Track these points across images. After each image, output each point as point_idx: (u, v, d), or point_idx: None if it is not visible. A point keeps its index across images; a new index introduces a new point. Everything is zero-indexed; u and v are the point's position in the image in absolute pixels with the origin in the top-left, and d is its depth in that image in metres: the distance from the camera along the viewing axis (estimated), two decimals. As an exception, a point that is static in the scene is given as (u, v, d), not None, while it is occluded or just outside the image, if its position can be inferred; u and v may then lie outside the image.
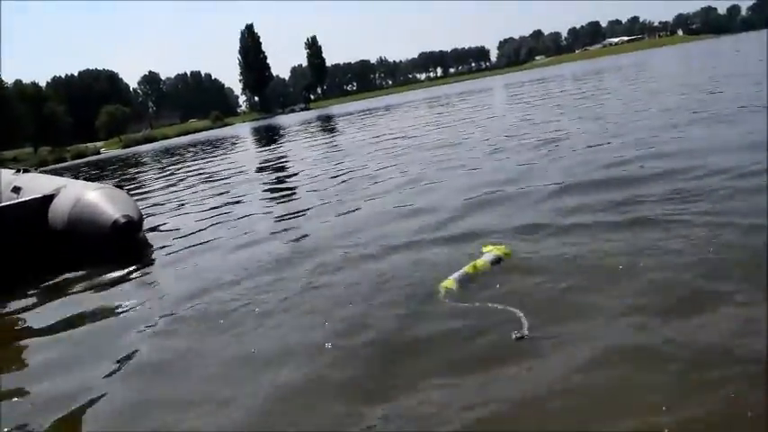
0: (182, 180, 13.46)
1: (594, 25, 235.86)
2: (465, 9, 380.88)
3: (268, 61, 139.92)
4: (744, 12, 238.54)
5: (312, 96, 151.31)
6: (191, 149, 32.39)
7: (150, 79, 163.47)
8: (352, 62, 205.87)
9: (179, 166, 19.46)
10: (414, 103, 38.07)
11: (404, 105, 37.83)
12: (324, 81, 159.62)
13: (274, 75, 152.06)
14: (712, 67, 20.51)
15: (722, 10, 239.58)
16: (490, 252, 3.55)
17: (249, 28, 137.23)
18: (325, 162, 11.25)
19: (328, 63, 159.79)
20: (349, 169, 9.35)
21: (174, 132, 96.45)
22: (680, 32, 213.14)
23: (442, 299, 3.10)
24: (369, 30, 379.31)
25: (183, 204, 9.01)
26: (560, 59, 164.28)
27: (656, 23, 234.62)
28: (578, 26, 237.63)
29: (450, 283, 3.20)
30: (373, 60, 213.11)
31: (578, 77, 31.41)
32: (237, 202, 8.19)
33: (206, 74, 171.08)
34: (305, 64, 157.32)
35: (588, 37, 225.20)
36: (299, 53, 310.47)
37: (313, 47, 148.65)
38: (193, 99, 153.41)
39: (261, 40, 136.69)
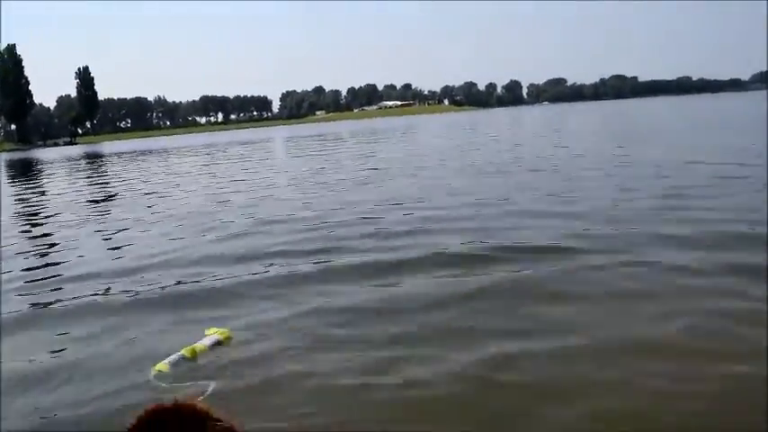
0: None
1: (372, 87, 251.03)
2: (249, 57, 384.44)
3: (30, 87, 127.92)
4: (499, 90, 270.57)
5: (80, 131, 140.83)
6: None
7: None
8: (128, 98, 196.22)
9: None
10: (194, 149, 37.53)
11: (183, 149, 37.03)
12: (95, 115, 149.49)
13: (38, 103, 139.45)
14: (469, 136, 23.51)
15: (482, 86, 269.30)
16: (211, 336, 4.02)
17: (10, 49, 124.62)
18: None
19: (101, 96, 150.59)
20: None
21: None
22: (446, 102, 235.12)
23: (153, 379, 3.55)
24: (148, 66, 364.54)
25: None
26: (339, 116, 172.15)
27: (425, 92, 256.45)
28: (357, 86, 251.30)
29: (162, 366, 3.65)
30: (151, 98, 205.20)
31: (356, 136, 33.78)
32: None
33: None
34: (74, 94, 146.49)
35: (365, 97, 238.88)
36: (68, 82, 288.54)
37: (84, 76, 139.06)
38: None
39: (24, 63, 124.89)
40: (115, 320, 4.76)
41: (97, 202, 13.68)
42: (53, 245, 8.70)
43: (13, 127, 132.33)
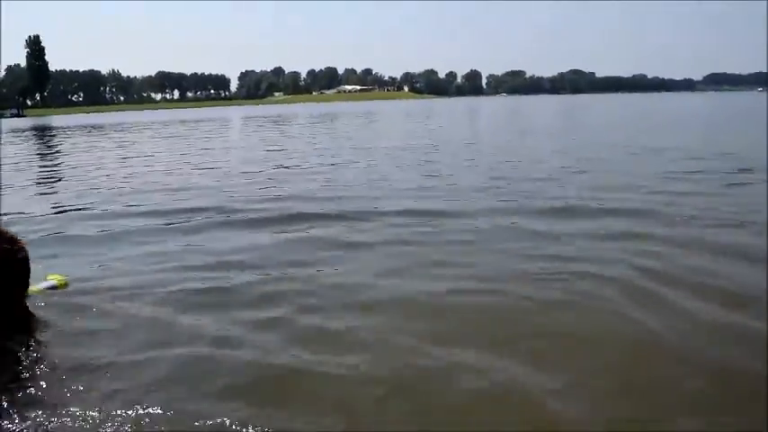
0: None
1: (332, 70, 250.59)
2: (208, 34, 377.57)
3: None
4: (459, 79, 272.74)
5: (29, 102, 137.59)
6: None
7: None
8: (81, 70, 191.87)
9: None
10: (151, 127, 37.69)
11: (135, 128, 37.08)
12: (45, 87, 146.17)
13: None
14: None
15: (442, 75, 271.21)
16: (50, 280, 4.38)
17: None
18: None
19: (52, 68, 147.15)
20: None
21: None
22: (406, 89, 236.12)
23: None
24: (102, 39, 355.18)
25: None
26: (297, 98, 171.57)
27: (386, 77, 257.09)
28: (317, 69, 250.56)
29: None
30: (104, 72, 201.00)
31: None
32: None
33: None
34: (24, 64, 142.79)
35: (325, 80, 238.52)
36: (18, 51, 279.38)
37: (35, 46, 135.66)
38: None
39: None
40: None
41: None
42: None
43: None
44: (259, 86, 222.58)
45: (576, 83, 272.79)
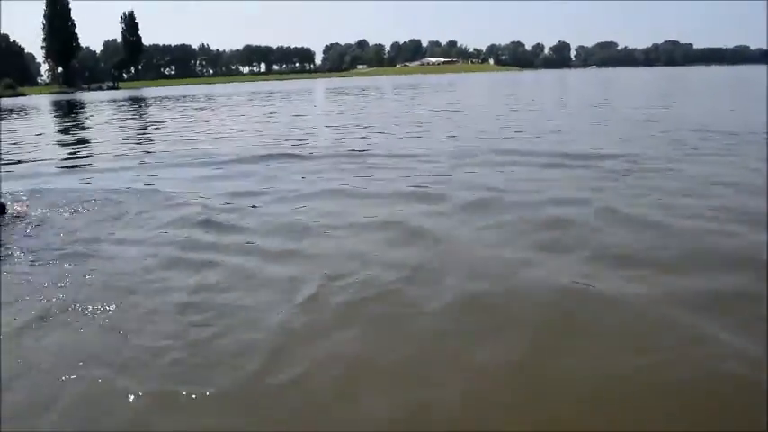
0: None
1: (416, 43, 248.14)
2: (294, 8, 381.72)
3: (77, 30, 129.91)
4: (546, 51, 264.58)
5: (125, 76, 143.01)
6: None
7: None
8: (173, 45, 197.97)
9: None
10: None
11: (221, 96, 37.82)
12: (138, 61, 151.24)
13: (84, 47, 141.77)
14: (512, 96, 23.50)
15: (529, 47, 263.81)
16: None
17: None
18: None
19: (146, 42, 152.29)
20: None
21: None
22: (491, 62, 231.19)
23: None
24: (193, 14, 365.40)
25: None
26: (381, 71, 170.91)
27: (470, 50, 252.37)
28: (401, 41, 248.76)
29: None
30: (195, 46, 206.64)
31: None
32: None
33: (2, 34, 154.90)
34: (120, 39, 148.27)
35: (409, 53, 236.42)
36: (114, 27, 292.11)
37: (129, 22, 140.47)
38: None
39: (71, 5, 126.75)
40: None
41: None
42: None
43: (60, 70, 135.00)
44: (343, 59, 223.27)
45: (671, 54, 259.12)
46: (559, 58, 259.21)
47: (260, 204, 5.64)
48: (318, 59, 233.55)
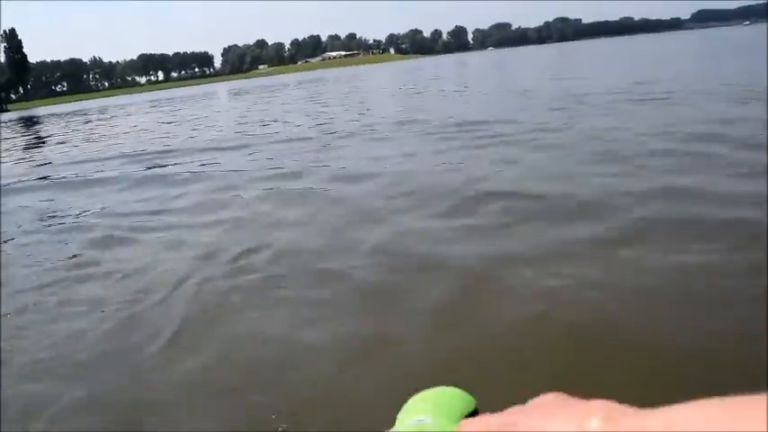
0: None
1: (316, 38, 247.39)
2: (190, 14, 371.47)
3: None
4: (444, 36, 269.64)
5: (13, 97, 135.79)
6: None
7: None
8: (62, 60, 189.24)
9: None
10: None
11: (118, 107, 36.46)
12: (26, 79, 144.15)
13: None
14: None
15: (427, 33, 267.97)
16: None
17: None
18: None
19: (32, 60, 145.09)
20: None
21: None
22: (392, 51, 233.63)
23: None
24: (83, 27, 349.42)
25: None
26: (282, 70, 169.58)
27: (370, 41, 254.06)
28: (300, 38, 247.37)
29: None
30: (86, 59, 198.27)
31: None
32: None
33: None
34: (2, 59, 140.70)
35: (309, 49, 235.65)
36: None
37: (12, 40, 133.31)
38: None
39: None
40: None
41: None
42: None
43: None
44: (243, 60, 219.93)
45: (562, 31, 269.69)
46: (458, 42, 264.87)
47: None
48: (218, 63, 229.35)
